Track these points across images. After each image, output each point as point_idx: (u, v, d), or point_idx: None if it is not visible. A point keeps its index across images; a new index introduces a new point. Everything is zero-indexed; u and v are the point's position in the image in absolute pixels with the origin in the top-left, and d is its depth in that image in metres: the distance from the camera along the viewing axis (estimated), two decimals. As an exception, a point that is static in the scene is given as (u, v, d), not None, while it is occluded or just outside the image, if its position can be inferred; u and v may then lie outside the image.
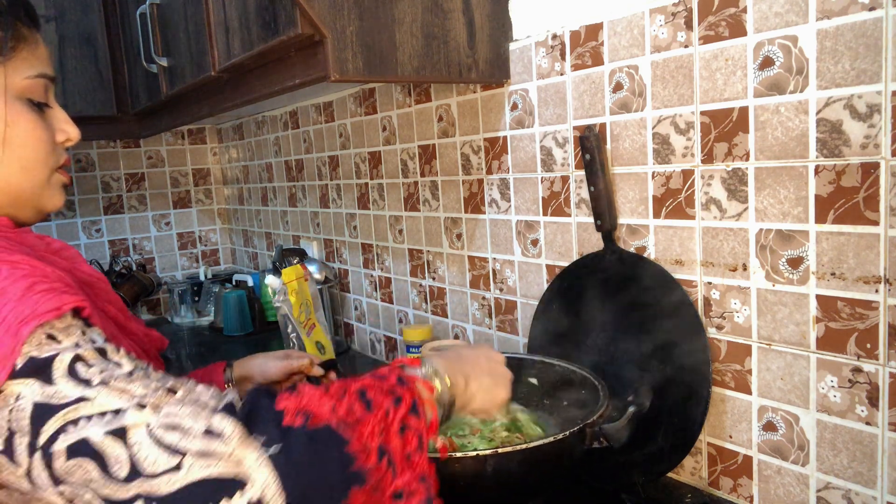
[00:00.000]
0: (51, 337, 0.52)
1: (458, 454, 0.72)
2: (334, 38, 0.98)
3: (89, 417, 0.49)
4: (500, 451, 0.72)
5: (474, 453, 0.72)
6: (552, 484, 0.82)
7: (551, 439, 0.74)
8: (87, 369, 0.52)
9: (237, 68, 1.25)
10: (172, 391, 0.53)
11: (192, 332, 2.18)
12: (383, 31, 1.02)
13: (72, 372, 0.51)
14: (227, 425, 0.51)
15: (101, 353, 0.54)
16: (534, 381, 1.02)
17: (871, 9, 0.71)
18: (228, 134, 2.48)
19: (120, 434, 0.49)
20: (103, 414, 0.49)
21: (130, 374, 0.53)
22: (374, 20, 1.01)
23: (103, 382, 0.51)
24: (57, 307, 0.53)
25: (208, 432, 0.50)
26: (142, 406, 0.51)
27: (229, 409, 0.53)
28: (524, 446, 0.73)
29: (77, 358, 0.52)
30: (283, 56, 1.11)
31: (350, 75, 1.00)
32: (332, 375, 1.04)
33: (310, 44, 1.02)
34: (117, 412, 0.50)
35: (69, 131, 0.71)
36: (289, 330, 1.43)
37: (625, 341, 0.99)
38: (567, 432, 0.75)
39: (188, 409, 0.51)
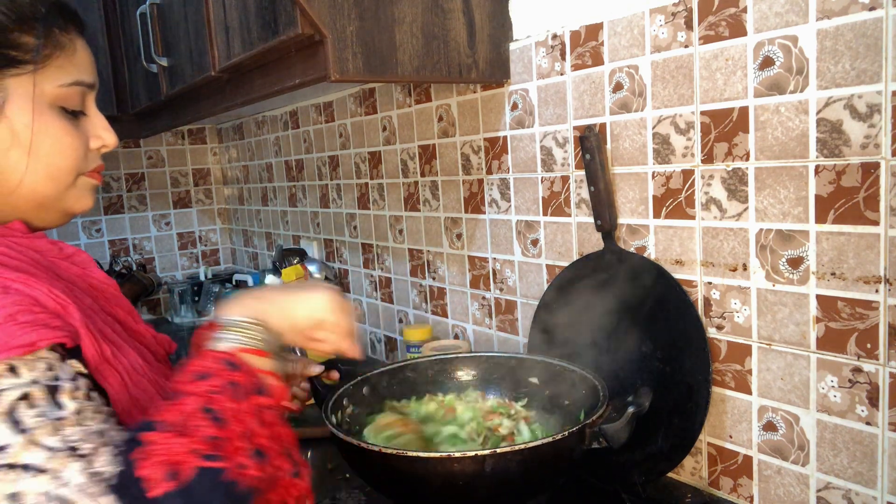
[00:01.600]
0: (11, 370, 0.51)
1: (458, 454, 0.72)
2: (334, 38, 0.98)
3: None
4: (498, 451, 0.72)
5: (473, 453, 0.72)
6: (552, 484, 0.82)
7: (550, 439, 0.74)
8: (27, 410, 0.50)
9: (237, 68, 1.25)
10: (78, 453, 0.50)
11: (192, 332, 2.18)
12: (383, 31, 1.02)
13: (11, 412, 0.49)
14: None
15: (52, 391, 0.52)
16: (535, 380, 1.02)
17: (872, 9, 0.71)
18: (228, 134, 2.47)
19: (15, 499, 0.48)
20: (12, 467, 0.48)
21: (60, 419, 0.51)
22: (374, 20, 1.01)
23: (31, 429, 0.50)
24: (30, 343, 0.51)
25: None
26: (42, 471, 0.49)
27: (108, 484, 0.50)
28: (523, 446, 0.73)
29: (24, 396, 0.50)
30: (284, 56, 1.11)
31: (350, 75, 1.00)
32: (334, 375, 1.04)
33: (310, 44, 1.02)
34: (25, 468, 0.48)
35: (105, 138, 0.70)
36: (289, 330, 1.42)
37: (625, 341, 0.99)
38: (566, 432, 0.75)
39: (82, 480, 0.49)
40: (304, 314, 0.70)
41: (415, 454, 0.75)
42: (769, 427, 0.88)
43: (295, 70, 1.09)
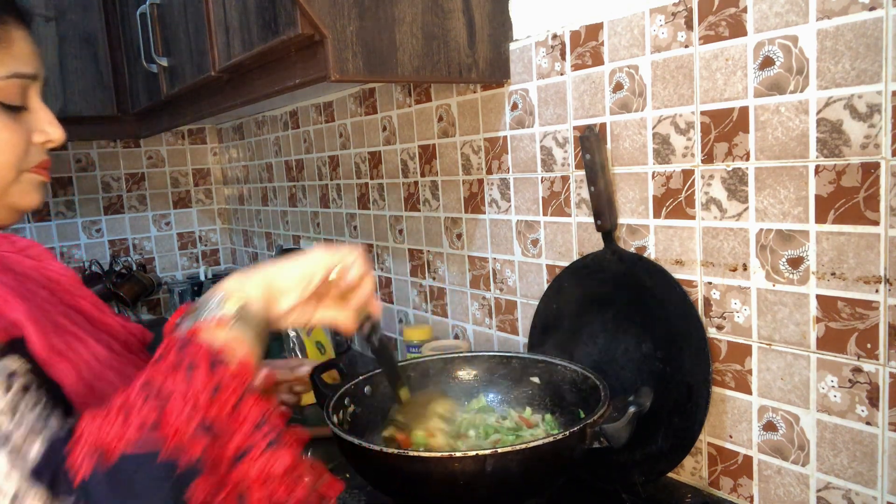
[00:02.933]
0: None
1: (458, 454, 0.72)
2: (334, 38, 0.98)
3: None
4: (499, 450, 0.72)
5: (473, 453, 0.72)
6: (552, 483, 0.82)
7: (551, 439, 0.74)
8: None
9: (237, 68, 1.25)
10: (10, 444, 0.50)
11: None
12: (383, 31, 1.02)
13: None
14: (31, 497, 0.49)
15: None
16: (536, 380, 1.02)
17: (872, 9, 0.71)
18: (228, 134, 2.47)
19: None
20: None
21: None
22: (374, 20, 1.01)
23: None
24: None
25: (15, 498, 0.48)
26: None
27: (38, 474, 0.50)
28: (523, 446, 0.73)
29: None
30: (283, 56, 1.11)
31: (350, 75, 1.00)
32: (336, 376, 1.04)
33: (310, 44, 1.02)
34: None
35: (50, 133, 0.67)
36: (289, 329, 1.42)
37: (625, 341, 0.99)
38: (567, 432, 0.75)
39: (7, 468, 0.49)
40: (297, 273, 0.66)
41: (416, 454, 0.75)
42: (769, 427, 0.88)
43: (295, 70, 1.09)
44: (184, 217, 2.52)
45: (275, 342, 1.98)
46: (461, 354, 1.08)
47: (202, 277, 2.38)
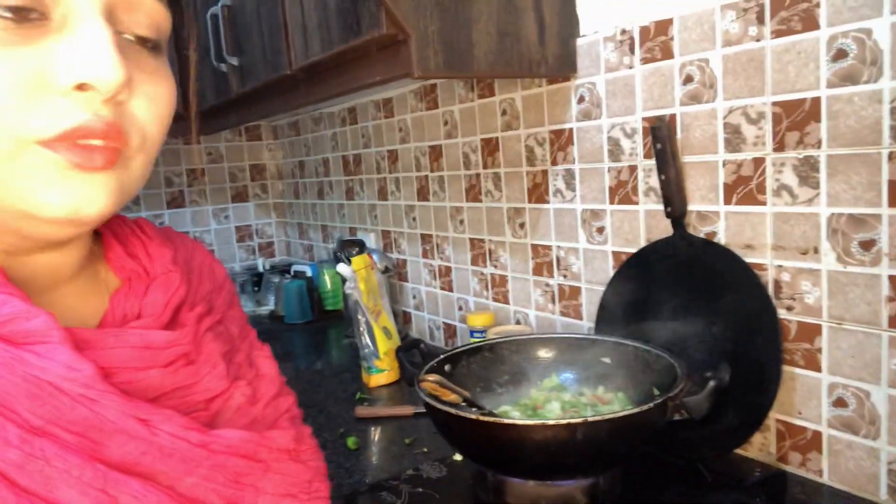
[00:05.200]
0: None
1: (552, 422, 0.78)
2: (417, 38, 1.04)
3: None
4: (589, 419, 0.78)
5: (566, 421, 0.78)
6: (634, 453, 0.87)
7: (638, 410, 0.79)
8: None
9: (313, 67, 1.32)
10: None
11: (254, 321, 2.26)
12: (461, 29, 1.08)
13: None
14: None
15: None
16: (607, 360, 1.07)
17: (947, 2, 0.74)
18: (284, 130, 2.56)
19: None
20: None
21: None
22: (453, 20, 1.07)
23: None
24: None
25: None
26: None
27: None
28: (613, 415, 0.78)
29: None
30: (362, 55, 1.17)
31: (432, 72, 1.06)
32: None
33: (391, 43, 1.08)
34: None
35: (87, 68, 0.37)
36: (359, 315, 1.49)
37: (695, 324, 1.04)
38: (652, 403, 0.80)
39: None
40: None
41: (511, 421, 0.81)
42: (839, 403, 0.92)
43: (375, 68, 1.15)
44: (241, 211, 2.62)
45: (333, 329, 2.06)
46: (535, 336, 1.13)
47: (260, 269, 2.47)
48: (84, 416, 0.37)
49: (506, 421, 0.81)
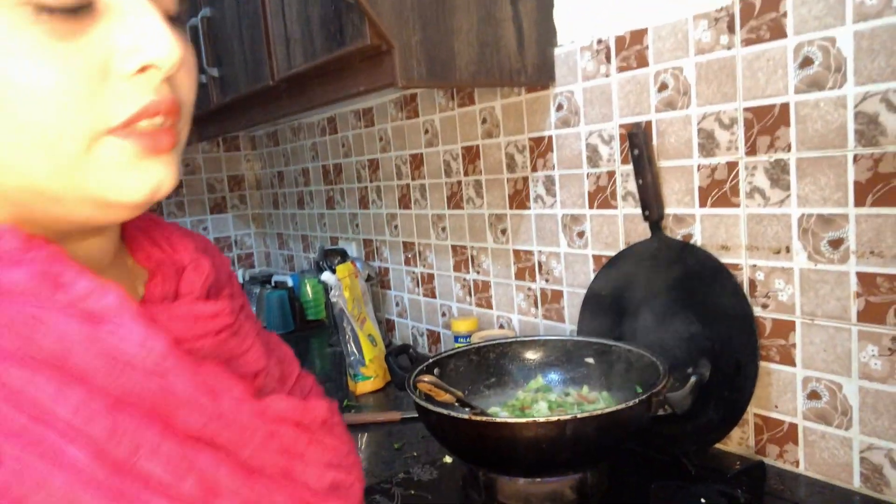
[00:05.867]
0: None
1: (542, 419, 0.80)
2: (401, 48, 1.07)
3: None
4: (578, 415, 0.80)
5: (556, 418, 0.80)
6: (621, 448, 0.90)
7: (624, 406, 0.82)
8: None
9: (296, 77, 1.33)
10: None
11: (235, 332, 2.26)
12: (443, 40, 1.11)
13: None
14: None
15: None
16: (590, 360, 1.10)
17: (905, 12, 0.79)
18: (262, 141, 2.56)
19: None
20: None
21: None
22: (435, 30, 1.10)
23: None
24: None
25: None
26: None
27: None
28: (600, 412, 0.81)
29: None
30: (346, 65, 1.19)
31: (415, 82, 1.09)
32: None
33: (375, 53, 1.11)
34: None
35: (149, 50, 0.38)
36: (344, 324, 1.51)
37: (674, 323, 1.07)
38: (637, 400, 0.83)
39: None
40: None
41: (503, 420, 0.84)
42: (813, 396, 0.96)
43: (359, 78, 1.17)
44: (220, 222, 2.61)
45: (315, 339, 2.07)
46: (519, 339, 1.16)
47: (241, 280, 2.46)
48: (155, 389, 0.39)
49: (498, 420, 0.83)
